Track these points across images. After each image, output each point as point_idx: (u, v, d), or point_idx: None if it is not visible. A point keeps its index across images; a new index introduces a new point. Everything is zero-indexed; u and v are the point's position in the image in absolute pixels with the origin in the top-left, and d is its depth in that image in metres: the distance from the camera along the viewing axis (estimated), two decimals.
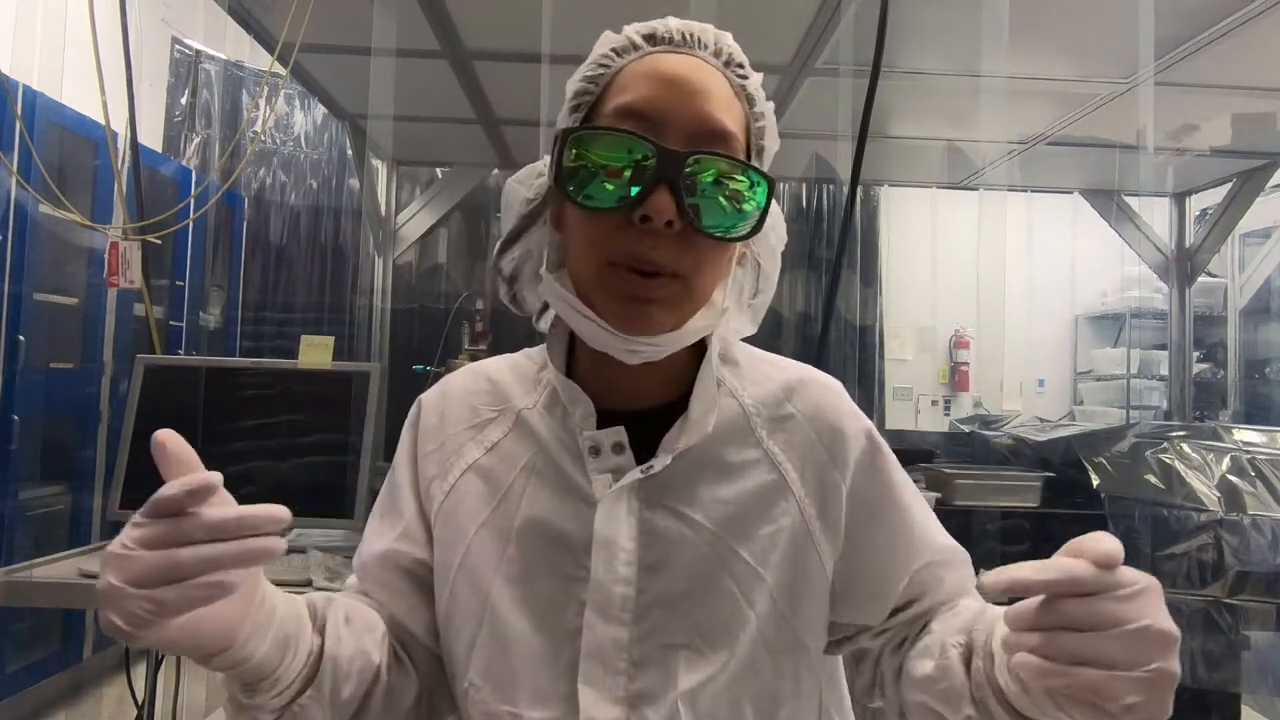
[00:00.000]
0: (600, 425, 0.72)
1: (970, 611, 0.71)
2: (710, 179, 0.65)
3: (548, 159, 0.72)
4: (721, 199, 0.66)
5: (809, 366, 0.81)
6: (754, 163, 0.71)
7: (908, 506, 0.76)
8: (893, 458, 0.78)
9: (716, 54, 0.70)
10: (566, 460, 0.72)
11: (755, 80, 0.72)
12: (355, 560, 0.79)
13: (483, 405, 0.78)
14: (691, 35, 0.70)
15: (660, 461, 0.69)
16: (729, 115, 0.68)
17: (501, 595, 0.70)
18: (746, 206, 0.67)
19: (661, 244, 0.64)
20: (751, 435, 0.74)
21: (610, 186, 0.65)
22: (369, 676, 0.69)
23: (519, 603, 0.70)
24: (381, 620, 0.74)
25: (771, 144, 0.73)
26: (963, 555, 0.78)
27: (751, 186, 0.67)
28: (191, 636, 0.54)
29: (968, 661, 0.65)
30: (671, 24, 0.70)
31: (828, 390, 0.78)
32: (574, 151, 0.66)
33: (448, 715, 0.78)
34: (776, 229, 0.76)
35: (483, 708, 0.69)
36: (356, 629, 0.70)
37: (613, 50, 0.71)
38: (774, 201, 0.74)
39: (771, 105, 0.73)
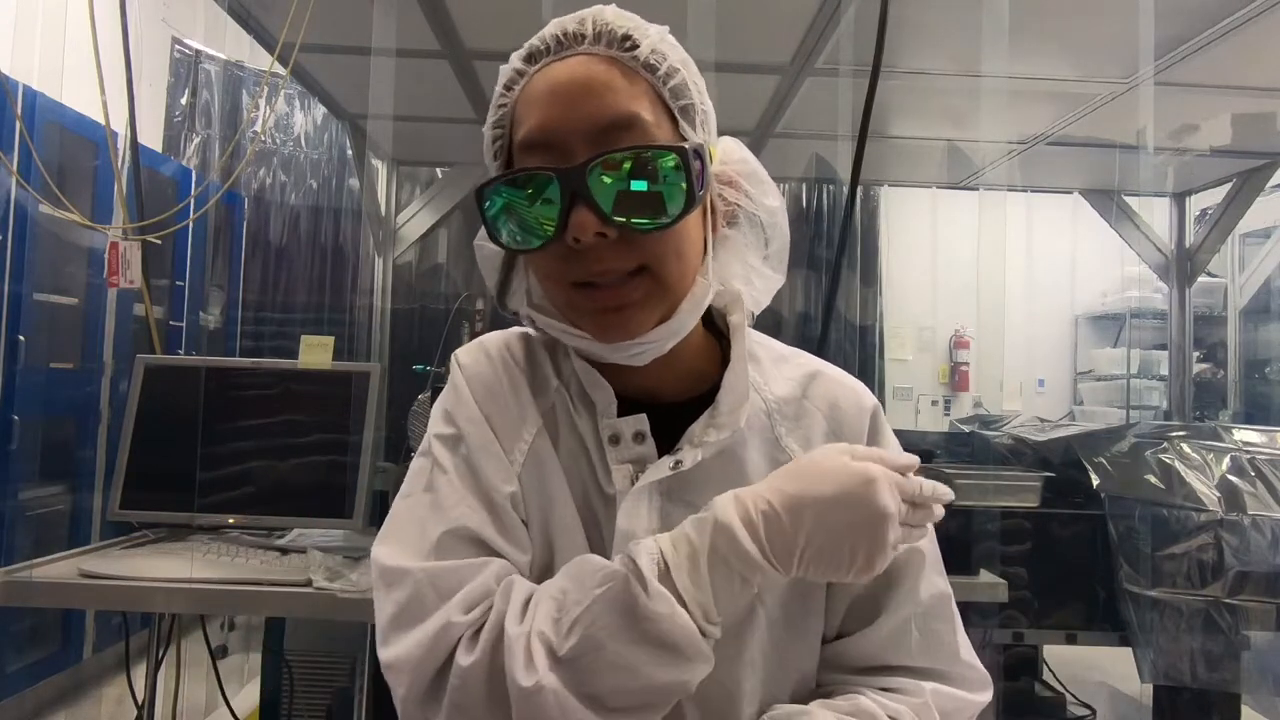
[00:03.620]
0: (622, 415, 0.70)
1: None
2: (618, 176, 0.63)
3: None
4: (639, 189, 0.63)
5: (822, 360, 0.80)
6: (683, 126, 0.68)
7: None
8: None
9: (596, 39, 0.67)
10: (596, 449, 0.71)
11: (649, 43, 0.67)
12: (449, 521, 0.66)
13: (529, 371, 0.75)
14: (566, 34, 0.67)
15: (690, 457, 0.68)
16: (626, 98, 0.65)
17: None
18: (668, 184, 0.64)
19: (607, 254, 0.64)
20: (772, 433, 0.74)
21: (531, 225, 0.65)
22: None
23: None
24: None
25: (699, 97, 0.69)
26: (938, 604, 0.73)
27: (664, 161, 0.64)
28: None
29: None
30: (547, 32, 0.69)
31: (841, 384, 0.78)
32: (490, 205, 0.66)
33: None
34: (752, 176, 0.73)
35: None
36: None
37: (504, 86, 0.70)
38: (737, 148, 0.73)
39: (682, 56, 0.69)
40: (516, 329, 0.80)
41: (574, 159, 0.64)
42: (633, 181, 0.63)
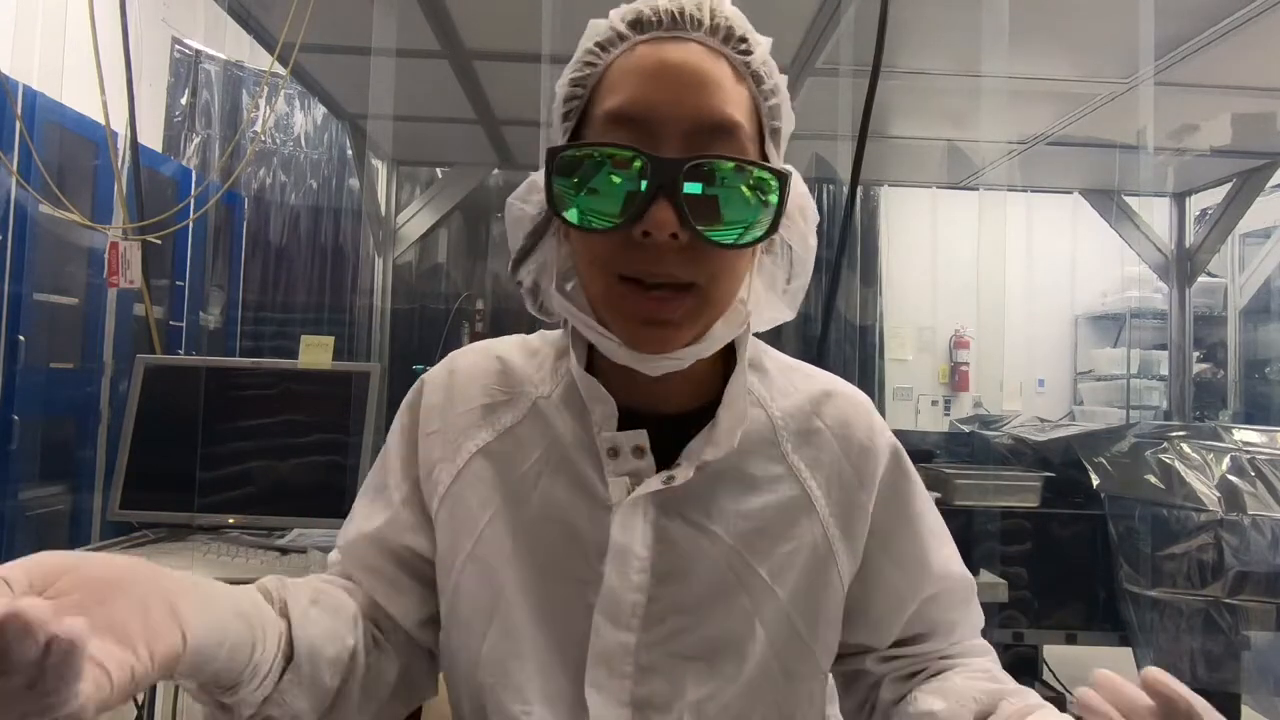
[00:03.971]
0: (621, 426, 0.68)
1: (1006, 686, 0.70)
2: (714, 183, 0.60)
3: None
4: (728, 203, 0.60)
5: (836, 377, 0.78)
6: (769, 146, 0.66)
7: (926, 532, 0.75)
8: (915, 478, 0.77)
9: (713, 31, 0.63)
10: (583, 458, 0.69)
11: (761, 52, 0.65)
12: (340, 538, 0.77)
13: (494, 386, 0.74)
14: (683, 14, 0.63)
15: (682, 474, 0.67)
16: (732, 103, 0.62)
17: (514, 591, 0.68)
18: (757, 206, 0.61)
19: (669, 256, 0.60)
20: (777, 449, 0.72)
21: (605, 205, 0.60)
22: (345, 659, 0.66)
23: (530, 600, 0.68)
24: (352, 602, 0.71)
25: (787, 124, 0.67)
26: (970, 587, 0.78)
27: (761, 183, 0.61)
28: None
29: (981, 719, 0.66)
30: (661, 4, 0.64)
31: (856, 405, 0.76)
32: (563, 172, 0.62)
33: (427, 693, 0.77)
34: (805, 211, 0.71)
35: (497, 707, 0.68)
36: (324, 611, 0.66)
37: (598, 45, 0.65)
38: (801, 182, 0.70)
39: (784, 78, 0.67)
40: (498, 344, 0.79)
41: (662, 147, 0.60)
42: (728, 194, 0.60)
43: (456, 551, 0.71)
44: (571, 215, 0.62)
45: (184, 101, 4.21)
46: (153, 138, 3.97)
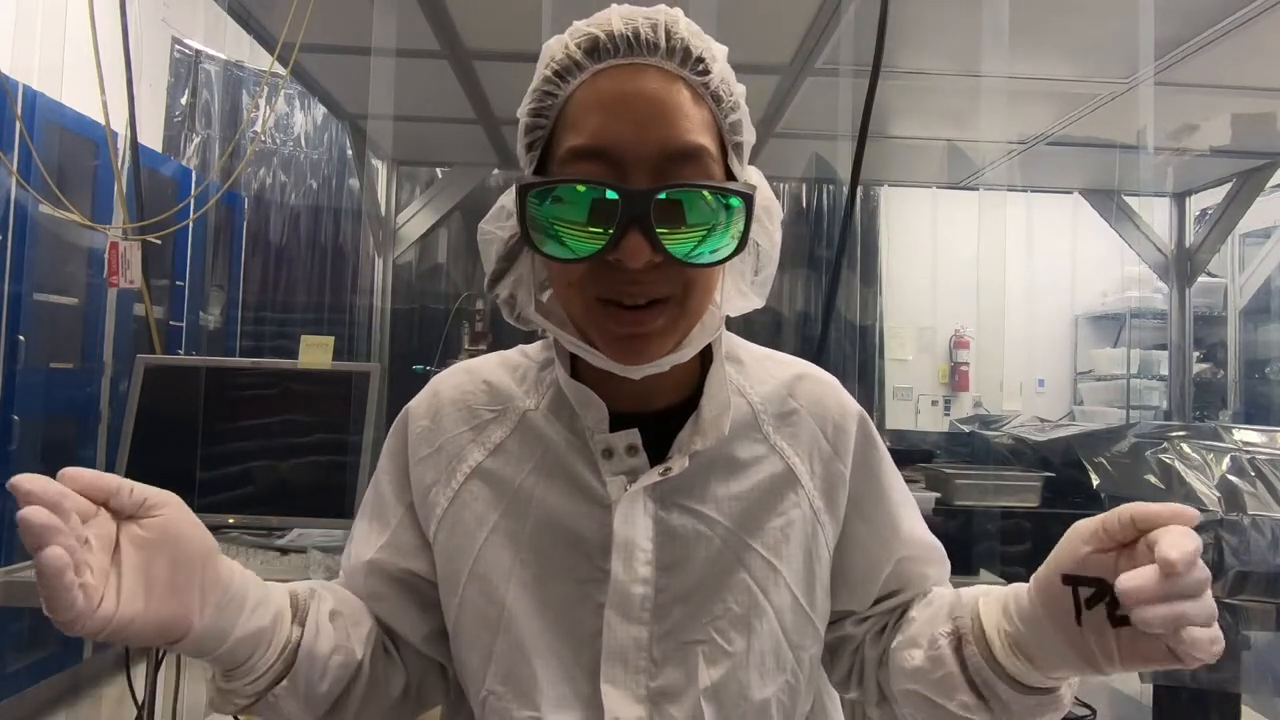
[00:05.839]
0: (611, 427, 0.71)
1: (945, 598, 0.73)
2: (683, 210, 0.63)
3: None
4: (697, 226, 0.63)
5: (805, 361, 0.82)
6: (732, 161, 0.68)
7: (896, 499, 0.79)
8: (883, 448, 0.80)
9: (670, 53, 0.64)
10: (577, 462, 0.72)
11: (719, 69, 0.66)
12: (344, 560, 0.80)
13: (480, 405, 0.77)
14: (639, 38, 0.64)
15: (679, 464, 0.70)
16: (694, 128, 0.64)
17: (518, 601, 0.70)
18: (725, 226, 0.64)
19: (643, 279, 0.63)
20: (759, 431, 0.75)
21: (579, 238, 0.63)
22: (350, 671, 0.71)
23: (536, 607, 0.70)
24: (369, 617, 0.75)
25: (748, 136, 0.69)
26: (942, 553, 0.81)
27: (728, 204, 0.64)
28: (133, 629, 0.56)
29: (957, 649, 0.68)
30: (615, 28, 0.64)
31: (826, 384, 0.80)
32: (535, 207, 0.64)
33: (438, 700, 0.80)
34: (770, 210, 0.73)
35: (504, 715, 0.69)
36: (341, 623, 0.71)
37: (555, 73, 0.66)
38: (760, 180, 0.73)
39: (742, 90, 0.69)
40: (480, 366, 0.80)
41: (630, 178, 0.62)
42: (696, 218, 0.63)
43: (458, 572, 0.72)
44: (547, 248, 0.64)
45: (184, 101, 4.21)
46: (153, 138, 3.97)
